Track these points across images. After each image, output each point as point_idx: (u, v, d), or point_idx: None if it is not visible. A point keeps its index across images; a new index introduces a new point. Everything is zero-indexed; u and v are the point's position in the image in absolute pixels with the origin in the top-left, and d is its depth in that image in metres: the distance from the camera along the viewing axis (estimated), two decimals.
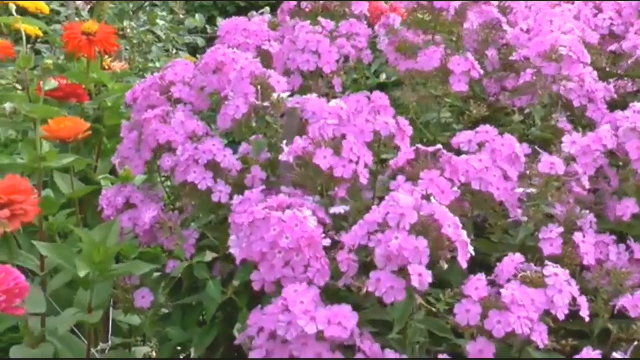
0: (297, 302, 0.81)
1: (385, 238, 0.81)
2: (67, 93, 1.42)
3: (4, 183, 1.09)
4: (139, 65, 1.85)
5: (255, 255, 0.87)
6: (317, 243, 0.87)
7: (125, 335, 1.40)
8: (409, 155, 0.97)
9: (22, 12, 1.53)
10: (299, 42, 1.20)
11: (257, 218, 0.87)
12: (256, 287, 0.88)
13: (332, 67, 1.20)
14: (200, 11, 2.90)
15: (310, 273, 0.85)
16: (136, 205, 1.13)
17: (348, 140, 0.92)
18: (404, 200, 0.82)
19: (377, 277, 0.81)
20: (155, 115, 1.10)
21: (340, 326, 0.80)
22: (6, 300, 0.83)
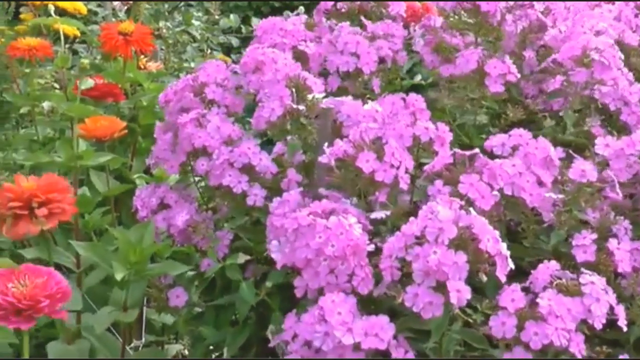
0: (334, 313, 0.81)
1: (424, 252, 0.80)
2: (103, 92, 1.44)
3: (42, 181, 1.10)
4: (174, 65, 1.86)
5: (299, 262, 0.86)
6: (362, 251, 0.86)
7: (158, 332, 1.41)
8: (446, 160, 0.96)
9: (60, 13, 1.55)
10: (338, 43, 1.20)
11: (301, 224, 0.86)
12: (298, 293, 0.88)
13: (371, 68, 1.20)
14: (234, 11, 2.91)
15: (354, 282, 0.85)
16: (170, 205, 1.14)
17: (390, 145, 0.92)
18: (442, 214, 0.81)
19: (415, 292, 0.80)
20: (190, 119, 1.10)
21: (376, 337, 0.80)
22: (49, 305, 0.83)
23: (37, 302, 0.83)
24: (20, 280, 0.84)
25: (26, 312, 0.82)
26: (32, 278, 0.85)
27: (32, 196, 1.06)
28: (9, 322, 0.82)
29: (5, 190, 1.08)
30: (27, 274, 0.85)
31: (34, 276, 0.85)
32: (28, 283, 0.84)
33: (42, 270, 0.87)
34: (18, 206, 1.06)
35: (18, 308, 0.82)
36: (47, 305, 0.83)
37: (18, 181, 1.09)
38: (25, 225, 1.06)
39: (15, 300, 0.82)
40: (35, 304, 0.83)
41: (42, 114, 1.59)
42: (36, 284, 0.84)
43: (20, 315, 0.82)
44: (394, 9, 1.36)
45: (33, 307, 0.83)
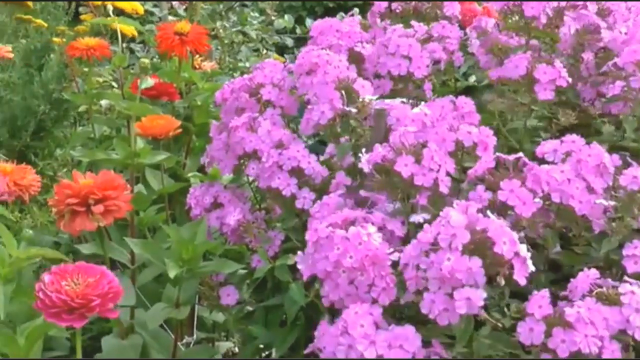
0: (356, 325, 0.80)
1: (437, 259, 0.78)
2: (159, 91, 1.45)
3: (99, 179, 1.11)
4: (228, 64, 1.88)
5: (319, 274, 0.85)
6: (382, 261, 0.84)
7: (209, 330, 1.42)
8: (488, 164, 0.94)
9: (118, 13, 1.57)
10: (390, 46, 1.19)
11: (320, 236, 0.86)
12: (326, 303, 0.87)
13: (423, 72, 1.19)
14: (288, 11, 2.92)
15: (374, 293, 0.84)
16: (223, 204, 1.14)
17: (429, 149, 0.91)
18: (455, 219, 0.79)
19: (431, 299, 0.78)
20: (242, 123, 1.10)
21: (401, 349, 0.78)
22: (100, 304, 0.83)
23: (89, 301, 0.83)
24: (74, 278, 0.85)
25: (78, 310, 0.83)
26: (84, 277, 0.85)
27: (89, 193, 1.08)
28: (61, 320, 0.83)
29: (63, 187, 1.11)
30: (80, 273, 0.85)
31: (87, 275, 0.85)
32: (81, 281, 0.84)
33: (95, 269, 0.87)
34: (75, 202, 1.08)
35: (71, 306, 0.83)
36: (98, 304, 0.83)
37: (76, 178, 1.11)
38: (82, 221, 1.08)
39: (68, 299, 0.82)
40: (87, 302, 0.83)
41: (99, 112, 1.62)
42: (88, 282, 0.85)
43: (73, 313, 0.83)
44: (448, 10, 1.35)
45: (85, 306, 0.83)
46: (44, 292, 0.83)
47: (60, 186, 1.11)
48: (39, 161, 1.73)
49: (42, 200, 1.54)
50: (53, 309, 0.82)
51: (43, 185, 1.45)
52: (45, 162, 1.74)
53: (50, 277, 0.84)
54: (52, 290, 0.83)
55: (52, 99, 1.76)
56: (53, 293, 0.82)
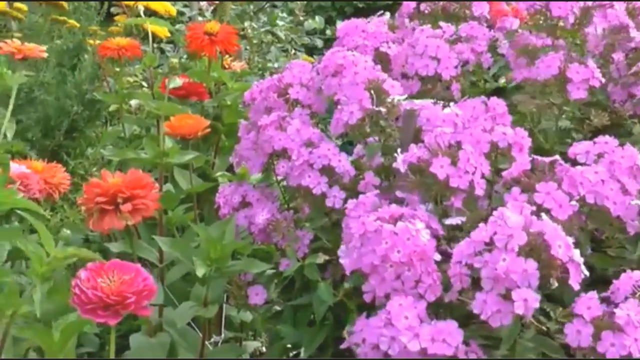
0: (401, 317, 0.80)
1: (492, 259, 0.78)
2: (188, 91, 1.46)
3: (127, 177, 1.12)
4: (257, 65, 1.89)
5: (365, 268, 0.85)
6: (430, 257, 0.85)
7: (237, 329, 1.43)
8: (524, 166, 0.94)
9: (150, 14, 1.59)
10: (417, 47, 1.18)
11: (368, 230, 0.86)
12: (367, 298, 0.87)
13: (451, 73, 1.18)
14: (318, 12, 2.92)
15: (421, 289, 0.84)
16: (252, 203, 1.15)
17: (465, 150, 0.90)
18: (512, 220, 0.79)
19: (483, 299, 0.78)
20: (271, 121, 1.10)
21: (444, 343, 0.78)
22: (135, 302, 0.84)
23: (124, 298, 0.84)
24: (109, 275, 0.86)
25: (113, 307, 0.84)
26: (120, 274, 0.86)
27: (117, 192, 1.09)
28: (96, 316, 0.83)
29: (92, 186, 1.12)
30: (116, 270, 0.86)
31: (122, 272, 0.86)
32: (116, 279, 0.85)
33: (130, 266, 0.88)
34: (104, 201, 1.09)
35: (106, 303, 0.84)
36: (133, 301, 0.84)
37: (105, 177, 1.13)
38: (111, 219, 1.10)
39: (104, 295, 0.83)
40: (122, 299, 0.84)
41: (130, 112, 1.63)
42: (124, 280, 0.85)
43: (108, 310, 0.84)
44: (477, 10, 1.34)
45: (120, 303, 0.84)
46: (81, 288, 0.84)
47: (89, 185, 1.12)
48: (71, 160, 1.75)
49: (73, 199, 1.56)
50: (89, 305, 0.84)
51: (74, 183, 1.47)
52: (77, 161, 1.76)
53: (86, 273, 0.85)
54: (88, 286, 0.84)
55: (84, 99, 1.78)
56: (89, 289, 0.83)
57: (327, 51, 1.19)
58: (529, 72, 1.15)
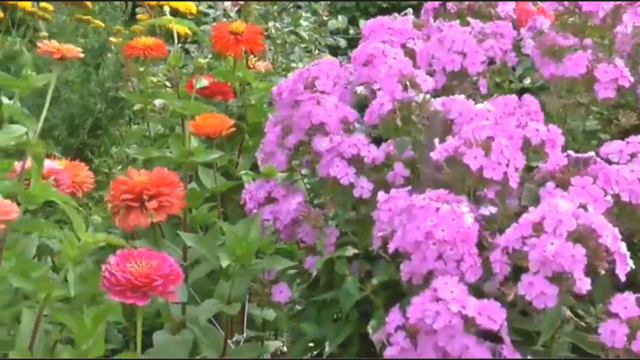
0: (447, 291, 0.81)
1: (541, 242, 0.79)
2: (213, 91, 1.47)
3: (153, 175, 1.13)
4: (281, 65, 1.89)
5: (408, 245, 0.86)
6: (472, 240, 0.86)
7: (259, 328, 1.43)
8: (560, 162, 0.94)
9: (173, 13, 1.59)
10: (445, 41, 1.18)
11: (416, 205, 0.86)
12: (404, 277, 0.88)
13: (478, 68, 1.18)
14: (342, 12, 2.93)
15: (462, 267, 0.84)
16: (277, 199, 1.15)
17: (498, 142, 0.91)
18: (562, 206, 0.80)
19: (529, 281, 0.79)
20: (310, 97, 1.11)
21: (490, 319, 0.79)
22: (162, 284, 0.88)
23: (152, 280, 0.87)
24: (137, 261, 0.89)
25: (142, 289, 0.87)
26: (147, 260, 0.90)
27: (143, 189, 1.10)
28: (125, 298, 0.87)
29: (118, 183, 1.13)
30: (143, 257, 0.90)
31: (149, 259, 0.90)
32: (144, 264, 0.89)
33: (157, 254, 0.91)
34: (130, 198, 1.10)
35: (134, 285, 0.87)
36: (160, 284, 0.88)
37: (131, 175, 1.13)
38: (136, 216, 1.10)
39: (132, 277, 0.87)
40: (150, 282, 0.87)
41: (154, 111, 1.64)
42: (151, 265, 0.89)
43: (136, 291, 0.87)
44: (502, 9, 1.34)
45: (148, 285, 0.87)
46: (110, 271, 0.88)
47: (116, 182, 1.13)
48: (95, 158, 1.77)
49: (97, 197, 1.57)
50: (118, 287, 0.87)
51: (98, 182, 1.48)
52: (101, 159, 1.77)
53: (115, 258, 0.89)
54: (117, 269, 0.88)
55: (108, 98, 1.80)
56: (118, 272, 0.87)
57: (351, 51, 1.19)
58: (556, 70, 1.14)
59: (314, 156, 1.08)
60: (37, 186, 0.94)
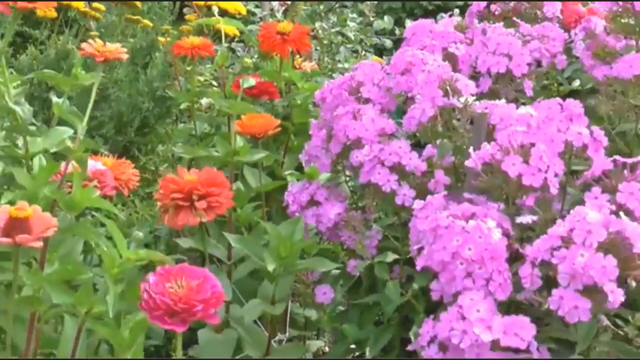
0: (472, 310, 0.80)
1: (570, 254, 0.77)
2: (259, 90, 1.47)
3: (202, 175, 1.13)
4: (327, 65, 1.89)
5: (435, 264, 0.85)
6: (501, 256, 0.84)
7: (301, 327, 1.43)
8: (605, 166, 0.92)
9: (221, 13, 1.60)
10: (490, 44, 1.17)
11: (440, 225, 0.85)
12: (434, 296, 0.87)
13: (523, 70, 1.17)
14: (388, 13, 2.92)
15: (491, 287, 0.83)
16: (320, 202, 1.15)
17: (537, 148, 0.89)
18: (591, 216, 0.78)
19: (560, 295, 0.77)
20: (346, 111, 1.10)
21: (516, 337, 0.78)
22: (203, 309, 0.82)
23: (191, 306, 0.81)
24: (177, 280, 0.83)
25: (180, 315, 0.81)
26: (188, 280, 0.83)
27: (193, 189, 1.10)
28: (163, 323, 0.81)
29: (168, 182, 1.13)
30: (184, 275, 0.84)
31: (190, 277, 0.84)
32: (184, 284, 0.83)
33: (198, 272, 0.85)
34: (180, 197, 1.11)
35: (173, 310, 0.81)
36: (200, 310, 0.81)
37: (180, 174, 1.14)
38: (185, 216, 1.11)
39: (171, 303, 0.81)
40: (189, 307, 0.81)
41: (200, 110, 1.65)
42: (191, 286, 0.83)
43: (175, 317, 0.82)
44: (549, 10, 1.32)
45: (187, 311, 0.81)
46: (149, 293, 0.82)
47: (166, 181, 1.14)
48: (142, 156, 1.79)
49: (143, 194, 1.59)
50: (157, 311, 0.81)
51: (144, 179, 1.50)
52: (148, 157, 1.79)
53: (154, 278, 0.83)
54: (156, 292, 0.82)
55: (156, 97, 1.82)
56: (157, 295, 0.81)
57: (396, 52, 1.18)
58: (609, 71, 1.12)
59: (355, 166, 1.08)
60: (78, 192, 0.93)
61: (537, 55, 1.22)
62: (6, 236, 0.81)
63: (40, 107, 1.73)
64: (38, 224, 0.83)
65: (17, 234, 0.80)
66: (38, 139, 0.98)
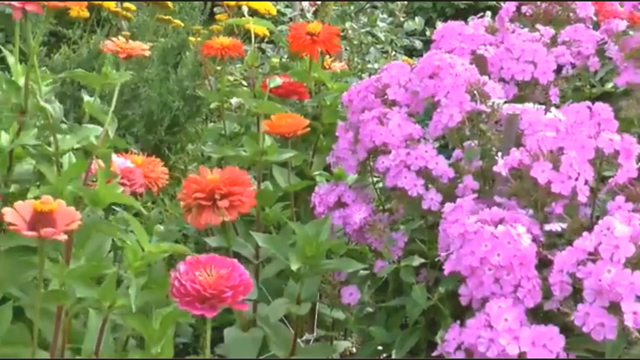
0: (500, 319, 0.79)
1: (596, 270, 0.76)
2: (288, 90, 1.48)
3: (225, 174, 1.14)
4: (357, 65, 1.89)
5: (463, 270, 0.85)
6: (530, 262, 0.83)
7: (328, 327, 1.43)
8: (630, 174, 0.91)
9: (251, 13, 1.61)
10: (514, 51, 1.16)
11: (468, 231, 0.85)
12: (463, 301, 0.86)
13: (549, 77, 1.15)
14: (419, 13, 2.90)
15: (520, 293, 0.82)
16: (347, 204, 1.15)
17: (568, 155, 0.88)
18: (619, 230, 0.77)
19: (586, 311, 0.76)
20: (372, 117, 1.10)
21: (545, 349, 0.77)
22: (232, 295, 0.85)
23: (221, 292, 0.84)
24: (207, 269, 0.86)
25: (210, 300, 0.84)
26: (217, 268, 0.86)
27: (215, 188, 1.11)
28: (193, 308, 0.84)
29: (191, 182, 1.15)
30: (213, 264, 0.87)
31: (219, 267, 0.87)
32: (214, 273, 0.86)
33: (227, 261, 0.88)
34: (202, 197, 1.11)
35: (203, 296, 0.84)
36: (230, 296, 0.84)
37: (203, 173, 1.15)
38: (208, 215, 1.12)
39: (201, 289, 0.84)
40: (219, 293, 0.84)
41: (230, 110, 1.66)
42: (221, 274, 0.86)
43: (205, 303, 0.84)
44: (581, 12, 1.30)
45: (217, 297, 0.84)
46: (179, 280, 0.85)
47: (188, 181, 1.15)
48: (172, 155, 1.80)
49: (173, 193, 1.60)
50: (187, 297, 0.84)
51: (174, 178, 1.51)
52: (177, 156, 1.80)
53: (184, 266, 0.86)
54: (186, 279, 0.84)
55: (186, 96, 1.83)
56: (187, 282, 0.84)
57: (427, 52, 1.18)
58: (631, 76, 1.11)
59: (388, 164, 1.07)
60: (102, 188, 0.94)
61: (564, 60, 1.20)
62: (32, 230, 0.82)
63: (71, 105, 1.75)
64: (63, 218, 0.85)
65: (42, 227, 0.82)
66: (68, 136, 0.99)
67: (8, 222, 0.82)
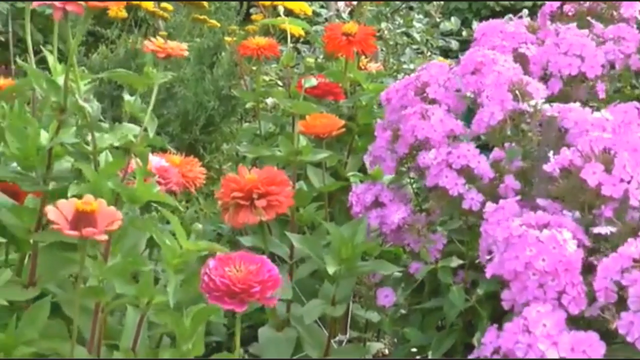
0: (539, 324, 0.77)
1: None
2: (324, 91, 1.47)
3: (263, 174, 1.14)
4: (392, 66, 1.88)
5: (507, 274, 0.83)
6: (576, 269, 0.81)
7: (361, 329, 1.43)
8: None
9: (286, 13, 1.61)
10: (562, 45, 1.14)
11: (512, 235, 0.83)
12: (505, 306, 0.85)
13: (597, 72, 1.13)
14: (454, 14, 2.89)
15: (564, 300, 0.80)
16: (385, 204, 1.14)
17: (621, 157, 0.86)
18: None
19: (630, 320, 0.74)
20: (414, 111, 1.09)
21: (584, 354, 0.75)
22: (260, 291, 0.86)
23: (249, 287, 0.86)
24: (236, 265, 0.88)
25: (239, 295, 0.86)
26: (246, 264, 0.88)
27: (253, 188, 1.12)
28: (223, 303, 0.86)
29: (229, 181, 1.15)
30: (243, 261, 0.88)
31: (248, 263, 0.88)
32: (243, 268, 0.87)
33: (255, 258, 0.90)
34: (240, 196, 1.12)
35: (232, 291, 0.86)
36: (258, 291, 0.86)
37: (241, 173, 1.15)
38: (246, 214, 1.12)
39: (230, 283, 0.85)
40: (248, 288, 0.86)
41: (265, 110, 1.66)
42: (249, 270, 0.87)
43: (234, 298, 0.86)
44: (626, 11, 1.28)
45: (246, 291, 0.86)
46: (209, 276, 0.86)
47: (227, 180, 1.15)
48: (207, 154, 1.81)
49: (208, 192, 1.61)
50: (216, 292, 0.86)
51: (209, 177, 1.51)
52: (212, 155, 1.81)
53: (214, 262, 0.88)
54: (216, 274, 0.86)
55: (221, 96, 1.84)
56: (217, 277, 0.86)
57: (462, 54, 1.17)
58: None
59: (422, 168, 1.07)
60: (140, 186, 0.95)
61: (612, 57, 1.18)
62: (74, 229, 0.83)
63: (109, 104, 1.77)
64: (104, 218, 0.86)
65: (83, 227, 0.83)
66: (105, 135, 1.00)
67: (50, 220, 0.83)
